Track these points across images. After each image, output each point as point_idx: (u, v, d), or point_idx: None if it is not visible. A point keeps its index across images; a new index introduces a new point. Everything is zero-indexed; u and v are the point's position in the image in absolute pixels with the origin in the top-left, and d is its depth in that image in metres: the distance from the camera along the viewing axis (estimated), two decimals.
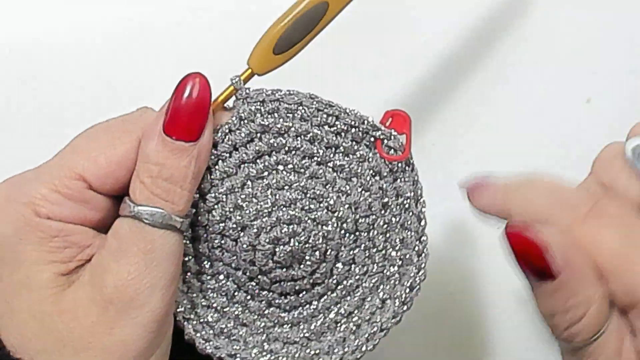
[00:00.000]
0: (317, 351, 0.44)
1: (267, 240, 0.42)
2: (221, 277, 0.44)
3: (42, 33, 0.60)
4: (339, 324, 0.44)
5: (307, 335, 0.44)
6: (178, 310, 0.43)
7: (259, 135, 0.42)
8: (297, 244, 0.42)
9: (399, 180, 0.43)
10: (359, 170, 0.43)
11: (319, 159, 0.43)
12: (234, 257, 0.43)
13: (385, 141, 0.43)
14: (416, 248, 0.44)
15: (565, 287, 0.39)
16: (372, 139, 0.43)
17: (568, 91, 0.61)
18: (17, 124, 0.59)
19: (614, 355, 0.40)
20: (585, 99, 0.61)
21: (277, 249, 0.42)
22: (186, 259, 0.43)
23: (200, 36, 0.60)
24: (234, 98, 0.42)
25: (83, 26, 0.60)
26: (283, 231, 0.42)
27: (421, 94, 0.61)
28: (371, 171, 0.43)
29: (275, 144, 0.42)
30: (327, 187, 0.43)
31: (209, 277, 0.44)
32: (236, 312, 0.44)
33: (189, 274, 0.44)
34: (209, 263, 0.44)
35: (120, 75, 0.60)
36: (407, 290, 0.44)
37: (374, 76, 0.60)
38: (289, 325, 0.44)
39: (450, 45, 0.61)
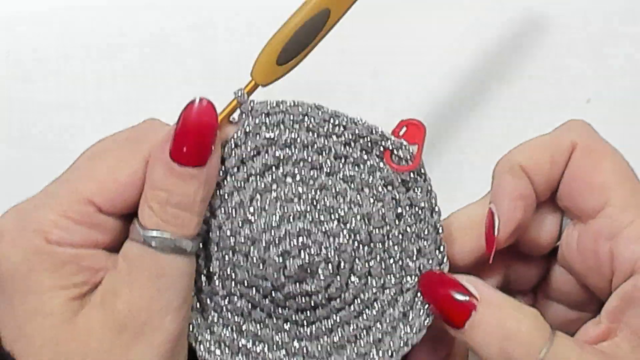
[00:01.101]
0: None
1: (277, 253, 0.41)
2: (234, 297, 0.43)
3: (42, 33, 0.60)
4: (358, 338, 0.43)
5: (327, 348, 0.43)
6: (190, 331, 0.42)
7: (265, 148, 0.42)
8: (307, 257, 0.41)
9: (411, 190, 0.42)
10: (370, 181, 0.42)
11: (328, 170, 0.42)
12: (246, 274, 0.42)
13: (395, 151, 0.42)
14: (436, 258, 0.42)
15: None
16: (382, 149, 0.42)
17: (568, 91, 0.61)
18: (17, 124, 0.59)
19: None
20: (585, 99, 0.60)
21: (287, 263, 0.41)
22: (201, 278, 0.42)
23: (205, 48, 0.60)
24: (239, 110, 0.42)
25: (84, 27, 0.60)
26: (292, 244, 0.41)
27: (422, 96, 0.61)
28: (383, 181, 0.42)
29: (282, 156, 0.42)
30: (337, 198, 0.42)
31: (222, 297, 0.43)
32: (253, 330, 0.43)
33: (201, 294, 0.43)
34: (222, 282, 0.43)
35: (121, 77, 0.60)
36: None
37: (377, 83, 0.60)
38: (308, 339, 0.43)
39: (448, 47, 0.61)
